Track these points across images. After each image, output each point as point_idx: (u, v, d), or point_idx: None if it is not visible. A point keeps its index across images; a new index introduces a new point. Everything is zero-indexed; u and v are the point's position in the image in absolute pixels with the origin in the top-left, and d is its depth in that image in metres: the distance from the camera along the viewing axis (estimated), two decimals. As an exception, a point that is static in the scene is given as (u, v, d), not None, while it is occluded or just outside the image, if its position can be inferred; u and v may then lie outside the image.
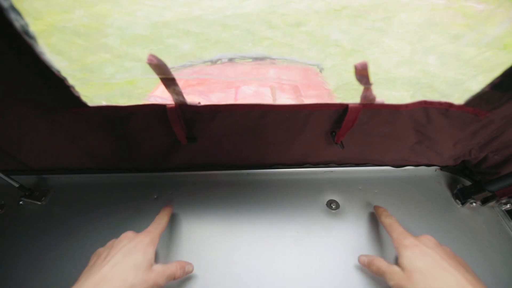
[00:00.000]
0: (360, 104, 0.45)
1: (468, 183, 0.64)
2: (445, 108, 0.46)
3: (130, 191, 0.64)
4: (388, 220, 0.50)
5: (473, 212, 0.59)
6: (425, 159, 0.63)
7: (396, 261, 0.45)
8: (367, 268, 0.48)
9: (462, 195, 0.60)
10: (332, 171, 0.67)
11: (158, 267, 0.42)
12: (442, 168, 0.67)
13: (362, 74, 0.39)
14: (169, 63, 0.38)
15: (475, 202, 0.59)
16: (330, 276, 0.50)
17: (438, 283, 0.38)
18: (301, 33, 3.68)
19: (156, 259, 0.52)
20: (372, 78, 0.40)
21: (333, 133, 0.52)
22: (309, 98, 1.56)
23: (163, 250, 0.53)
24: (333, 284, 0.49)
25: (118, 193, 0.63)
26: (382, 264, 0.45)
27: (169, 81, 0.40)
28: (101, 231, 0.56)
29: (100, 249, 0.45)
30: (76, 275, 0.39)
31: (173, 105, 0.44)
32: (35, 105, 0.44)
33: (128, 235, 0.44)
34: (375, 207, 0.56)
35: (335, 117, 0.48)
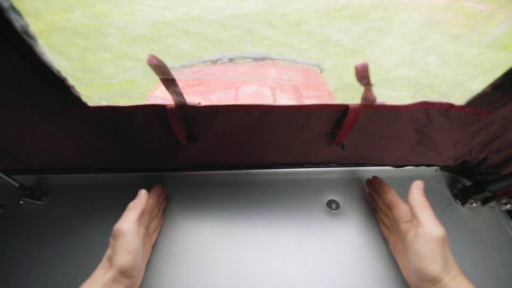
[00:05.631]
0: (360, 105, 0.45)
1: (468, 183, 0.64)
2: (446, 109, 0.46)
3: (130, 191, 0.63)
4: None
5: (473, 212, 0.59)
6: (426, 159, 0.63)
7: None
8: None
9: (462, 195, 0.60)
10: (332, 171, 0.67)
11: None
12: (442, 168, 0.67)
13: (362, 75, 0.39)
14: (169, 63, 0.38)
15: (475, 202, 0.59)
16: (330, 276, 0.50)
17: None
18: (301, 33, 3.68)
19: (156, 260, 0.52)
20: (372, 78, 0.40)
21: (334, 134, 0.52)
22: (310, 98, 1.55)
23: (163, 250, 0.53)
24: (333, 283, 0.49)
25: (118, 193, 0.63)
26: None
27: (169, 82, 0.40)
28: (101, 230, 0.56)
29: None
30: (78, 279, 0.39)
31: (173, 106, 0.44)
32: (36, 105, 0.44)
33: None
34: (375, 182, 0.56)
35: (336, 118, 0.48)
